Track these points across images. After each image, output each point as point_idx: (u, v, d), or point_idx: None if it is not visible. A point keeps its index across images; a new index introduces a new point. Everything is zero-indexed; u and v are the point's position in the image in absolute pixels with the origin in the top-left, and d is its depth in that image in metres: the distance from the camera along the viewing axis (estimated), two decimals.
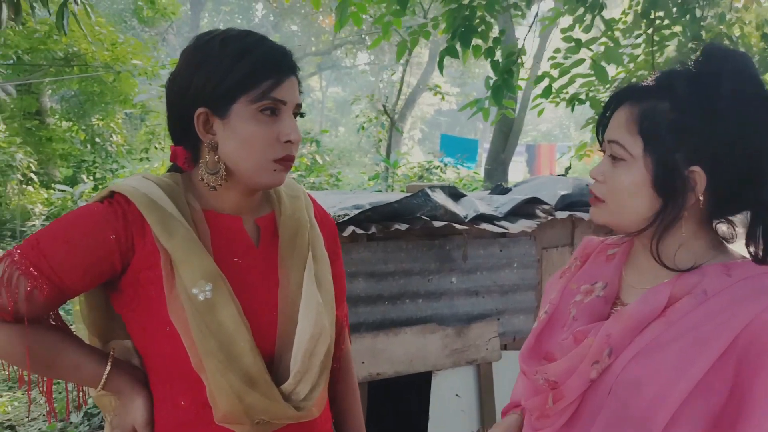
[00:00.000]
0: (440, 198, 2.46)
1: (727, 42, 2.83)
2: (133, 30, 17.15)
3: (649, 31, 2.60)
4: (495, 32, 2.63)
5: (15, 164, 8.44)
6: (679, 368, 0.92)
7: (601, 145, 1.11)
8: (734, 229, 1.04)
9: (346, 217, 2.22)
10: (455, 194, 2.69)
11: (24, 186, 8.88)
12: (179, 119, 1.10)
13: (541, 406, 1.10)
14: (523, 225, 2.57)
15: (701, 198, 0.96)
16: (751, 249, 0.99)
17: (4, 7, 2.52)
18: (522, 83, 3.17)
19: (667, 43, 2.66)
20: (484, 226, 2.50)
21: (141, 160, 11.35)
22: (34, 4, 2.51)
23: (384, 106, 8.77)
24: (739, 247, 1.07)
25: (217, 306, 1.04)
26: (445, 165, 9.89)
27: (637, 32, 2.81)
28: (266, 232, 1.19)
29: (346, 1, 2.38)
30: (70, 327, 1.16)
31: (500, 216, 2.62)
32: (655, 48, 2.61)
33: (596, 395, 1.01)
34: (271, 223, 1.21)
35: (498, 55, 2.70)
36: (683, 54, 2.78)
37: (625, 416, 0.96)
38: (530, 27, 2.77)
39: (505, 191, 3.03)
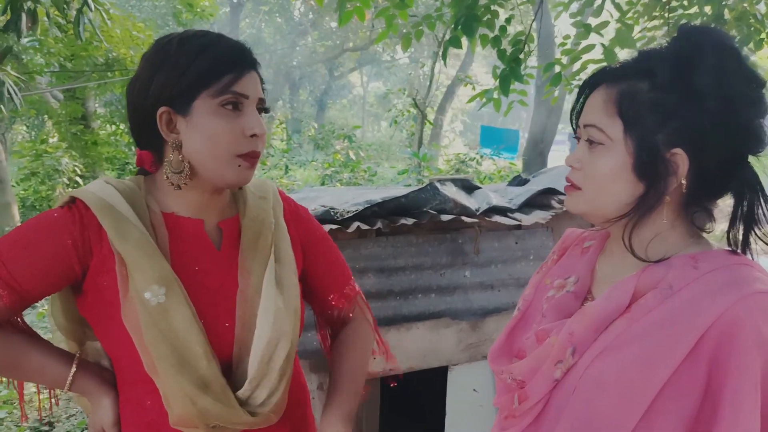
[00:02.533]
0: (450, 191, 2.43)
1: (752, 20, 2.71)
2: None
3: (665, 13, 2.50)
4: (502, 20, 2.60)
5: (61, 168, 8.73)
6: (643, 368, 0.88)
7: (575, 131, 1.07)
8: (713, 219, 1.00)
9: (351, 213, 2.21)
10: (468, 187, 2.65)
11: (70, 189, 9.19)
12: (142, 121, 1.10)
13: (508, 405, 1.08)
14: (538, 216, 2.52)
15: (683, 182, 0.92)
16: (732, 235, 0.95)
17: (23, 16, 2.60)
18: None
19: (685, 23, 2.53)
20: (497, 218, 2.46)
21: None
22: (51, 13, 2.58)
23: (414, 99, 8.71)
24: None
25: (170, 310, 1.04)
26: (481, 157, 9.77)
27: (653, 13, 2.71)
28: (229, 235, 1.19)
29: None
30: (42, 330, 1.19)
31: (514, 208, 2.57)
32: (672, 29, 2.50)
33: (561, 395, 0.98)
34: (234, 225, 1.20)
35: (506, 43, 2.66)
36: None
37: (590, 417, 0.93)
38: (535, 13, 2.69)
39: (523, 182, 2.97)
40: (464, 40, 2.77)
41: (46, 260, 1.04)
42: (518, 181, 3.00)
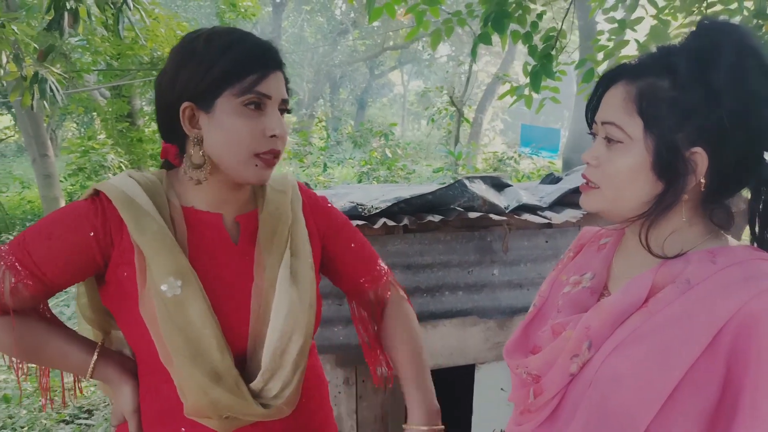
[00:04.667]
0: (479, 188, 2.41)
1: None
2: None
3: (704, 8, 2.41)
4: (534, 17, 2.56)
5: (107, 164, 8.96)
6: (660, 362, 0.88)
7: (591, 127, 1.06)
8: (732, 216, 0.98)
9: (377, 210, 2.22)
10: (498, 184, 2.63)
11: None
12: (167, 115, 1.13)
13: (523, 400, 1.08)
14: (569, 215, 2.48)
15: (702, 180, 0.91)
16: (753, 232, 0.94)
17: (66, 15, 2.69)
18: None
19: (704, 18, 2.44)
20: (526, 216, 2.43)
21: None
22: (92, 12, 2.67)
23: (451, 97, 8.66)
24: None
25: (185, 302, 1.06)
26: (519, 155, 9.67)
27: (692, 9, 2.62)
28: (246, 229, 1.20)
29: None
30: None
31: (544, 206, 2.54)
32: None
33: (577, 390, 0.98)
34: (252, 220, 1.22)
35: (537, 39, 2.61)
36: None
37: (606, 412, 0.92)
38: (567, 9, 2.65)
39: (556, 180, 2.93)
40: (497, 37, 2.75)
41: (69, 250, 1.07)
42: (551, 179, 2.96)
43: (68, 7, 2.68)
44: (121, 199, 1.09)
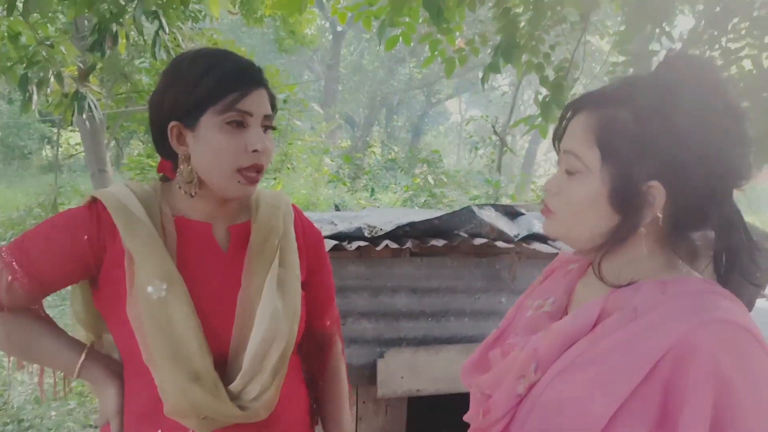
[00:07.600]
0: (487, 216, 2.43)
1: None
2: (281, 58, 18.38)
3: (727, 43, 2.35)
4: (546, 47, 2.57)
5: None
6: (600, 390, 0.87)
7: (558, 154, 1.07)
8: (696, 249, 0.97)
9: (382, 232, 2.26)
10: (511, 213, 2.63)
11: None
12: (158, 133, 1.19)
13: (474, 419, 1.08)
14: None
15: (660, 215, 0.90)
16: (715, 269, 0.92)
17: (107, 37, 2.87)
18: None
19: (743, 55, 2.38)
20: (536, 245, 2.43)
21: (275, 179, 12.00)
22: (131, 34, 2.84)
23: (493, 126, 8.66)
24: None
25: (169, 305, 1.11)
26: None
27: (715, 45, 2.55)
28: (237, 238, 1.25)
29: (384, 23, 2.43)
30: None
31: None
32: (736, 57, 2.35)
33: (524, 412, 0.97)
34: (244, 230, 1.26)
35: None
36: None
37: None
38: (579, 40, 2.64)
39: None
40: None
41: (64, 252, 1.14)
42: None
43: (112, 30, 2.86)
44: (115, 206, 1.16)
